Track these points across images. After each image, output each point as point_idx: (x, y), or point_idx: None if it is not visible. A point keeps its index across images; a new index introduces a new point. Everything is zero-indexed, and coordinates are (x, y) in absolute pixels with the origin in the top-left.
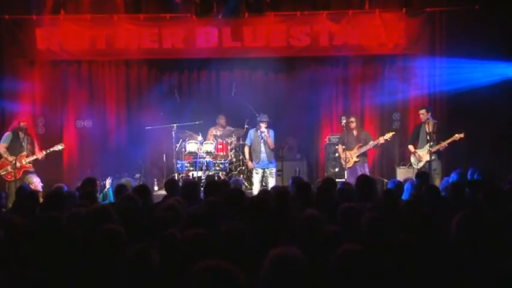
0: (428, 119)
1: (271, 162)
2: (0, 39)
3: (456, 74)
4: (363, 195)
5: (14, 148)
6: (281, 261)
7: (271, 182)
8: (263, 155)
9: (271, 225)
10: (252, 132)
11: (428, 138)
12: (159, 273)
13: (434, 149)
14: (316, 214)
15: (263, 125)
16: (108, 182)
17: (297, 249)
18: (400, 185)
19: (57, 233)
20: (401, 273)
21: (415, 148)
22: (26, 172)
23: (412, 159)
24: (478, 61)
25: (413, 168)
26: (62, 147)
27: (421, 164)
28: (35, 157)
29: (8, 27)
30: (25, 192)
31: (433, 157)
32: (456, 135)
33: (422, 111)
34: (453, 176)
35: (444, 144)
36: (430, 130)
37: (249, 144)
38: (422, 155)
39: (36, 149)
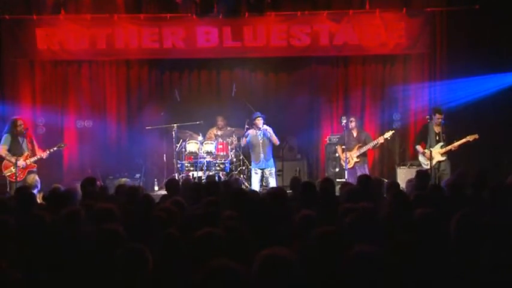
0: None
1: (268, 161)
2: (0, 39)
3: (455, 87)
4: (366, 195)
5: (14, 149)
6: (269, 262)
7: (272, 183)
8: (262, 155)
9: (267, 226)
10: (250, 131)
11: (437, 138)
12: (153, 272)
13: (445, 150)
14: (311, 214)
15: (259, 122)
16: None
17: (286, 250)
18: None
19: (49, 233)
20: (402, 271)
21: (423, 148)
22: (31, 172)
23: (421, 158)
24: (479, 70)
25: (413, 168)
26: (64, 146)
27: (432, 163)
28: (39, 156)
29: (8, 27)
30: (23, 193)
31: (444, 157)
32: (469, 136)
33: (441, 115)
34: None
35: (456, 144)
36: (439, 131)
37: (246, 139)
38: (433, 155)
39: (36, 148)
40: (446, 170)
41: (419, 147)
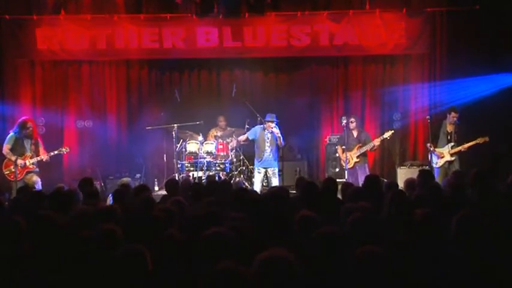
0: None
1: (274, 161)
2: (0, 39)
3: (455, 87)
4: (370, 195)
5: (17, 149)
6: (269, 264)
7: (275, 183)
8: (266, 154)
9: (268, 226)
10: (258, 128)
11: (449, 138)
12: (151, 272)
13: (455, 150)
14: (310, 215)
15: (272, 125)
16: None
17: (285, 251)
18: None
19: (55, 233)
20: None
21: (434, 147)
22: (29, 173)
23: (430, 156)
24: (479, 70)
25: (414, 168)
26: (66, 151)
27: (440, 163)
28: (39, 158)
29: (8, 27)
30: (27, 192)
31: (453, 157)
32: (480, 138)
33: (456, 114)
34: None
35: (465, 146)
36: (451, 130)
37: (250, 138)
38: (443, 154)
39: (41, 149)
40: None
41: (429, 145)
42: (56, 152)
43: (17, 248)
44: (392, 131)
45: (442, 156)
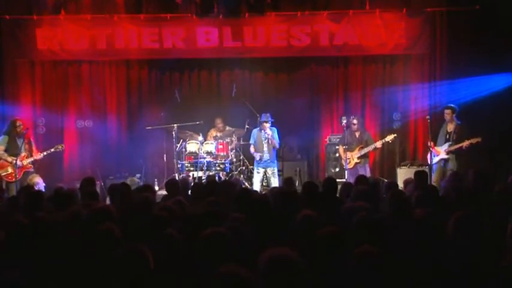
0: (453, 119)
1: (272, 162)
2: (1, 39)
3: (455, 87)
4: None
5: (12, 149)
6: (275, 263)
7: (275, 183)
8: (265, 155)
9: (272, 226)
10: (255, 131)
11: (447, 137)
12: (153, 272)
13: (450, 149)
14: (312, 214)
15: (267, 125)
16: None
17: (289, 250)
18: None
19: (52, 234)
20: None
21: (434, 145)
22: (27, 172)
23: (428, 156)
24: (479, 70)
25: (414, 168)
26: (62, 149)
27: (435, 160)
28: (33, 158)
29: (8, 27)
30: (29, 192)
31: (449, 156)
32: (472, 139)
33: (448, 111)
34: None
35: (460, 145)
36: (451, 130)
37: (252, 143)
38: (439, 152)
39: (34, 149)
40: (454, 168)
41: (429, 144)
42: (52, 150)
43: (19, 248)
44: (395, 135)
45: (438, 154)
